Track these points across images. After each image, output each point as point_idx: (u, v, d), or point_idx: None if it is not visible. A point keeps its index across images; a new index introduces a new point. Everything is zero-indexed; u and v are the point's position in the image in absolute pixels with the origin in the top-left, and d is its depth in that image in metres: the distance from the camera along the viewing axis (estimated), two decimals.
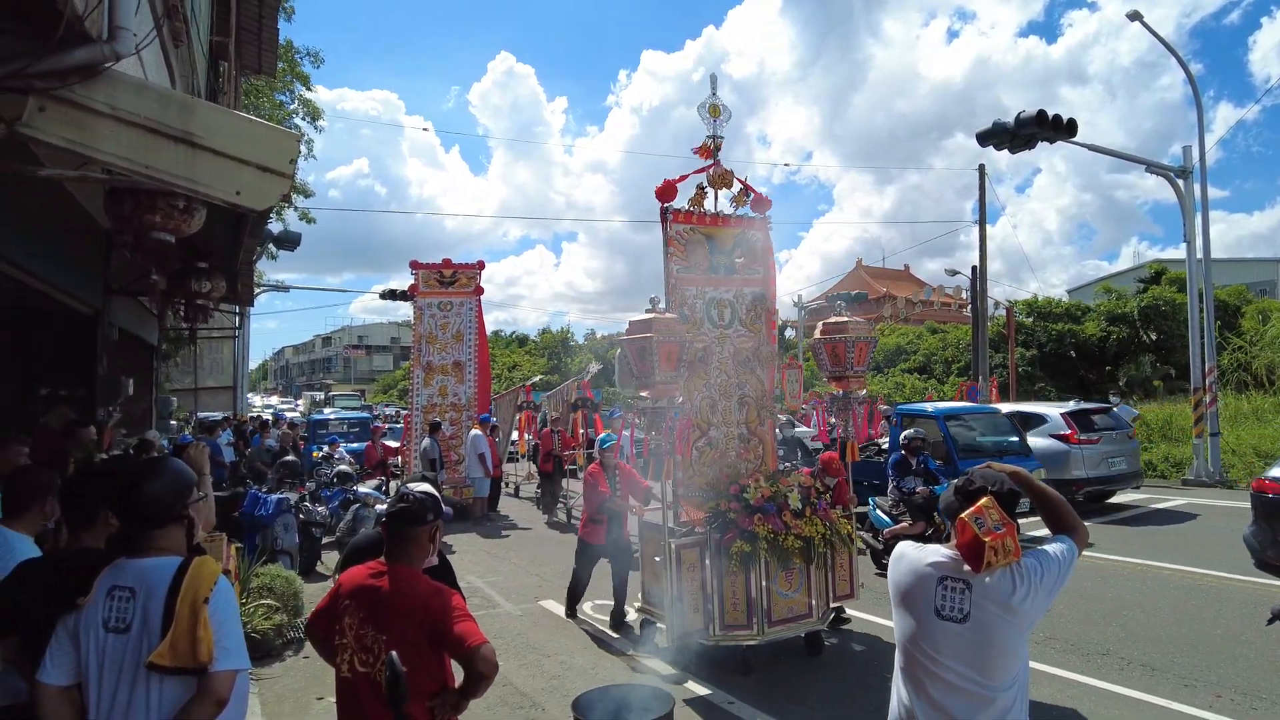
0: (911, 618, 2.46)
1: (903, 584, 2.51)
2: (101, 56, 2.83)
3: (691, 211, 6.43)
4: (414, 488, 2.77)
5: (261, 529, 8.45)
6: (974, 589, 2.36)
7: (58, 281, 6.10)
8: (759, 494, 5.84)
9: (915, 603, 2.45)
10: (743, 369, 6.58)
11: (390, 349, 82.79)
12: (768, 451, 6.66)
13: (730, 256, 6.64)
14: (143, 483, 2.28)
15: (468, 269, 14.22)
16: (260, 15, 9.22)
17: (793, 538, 5.76)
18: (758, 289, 6.75)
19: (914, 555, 2.55)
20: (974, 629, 2.34)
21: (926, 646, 2.41)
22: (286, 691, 5.62)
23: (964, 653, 2.35)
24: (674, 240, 6.32)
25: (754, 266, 6.74)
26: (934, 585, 2.42)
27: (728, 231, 6.64)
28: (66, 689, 2.24)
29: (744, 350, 6.60)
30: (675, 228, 6.33)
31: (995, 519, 2.34)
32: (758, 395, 6.64)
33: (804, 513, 5.91)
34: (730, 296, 6.60)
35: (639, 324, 5.73)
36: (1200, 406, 14.92)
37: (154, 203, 3.59)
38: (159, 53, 4.47)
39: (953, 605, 2.37)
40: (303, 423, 21.29)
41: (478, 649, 2.44)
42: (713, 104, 6.49)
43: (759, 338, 6.70)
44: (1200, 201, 14.84)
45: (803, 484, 6.10)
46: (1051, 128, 12.60)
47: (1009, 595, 2.35)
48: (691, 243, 6.41)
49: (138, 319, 10.03)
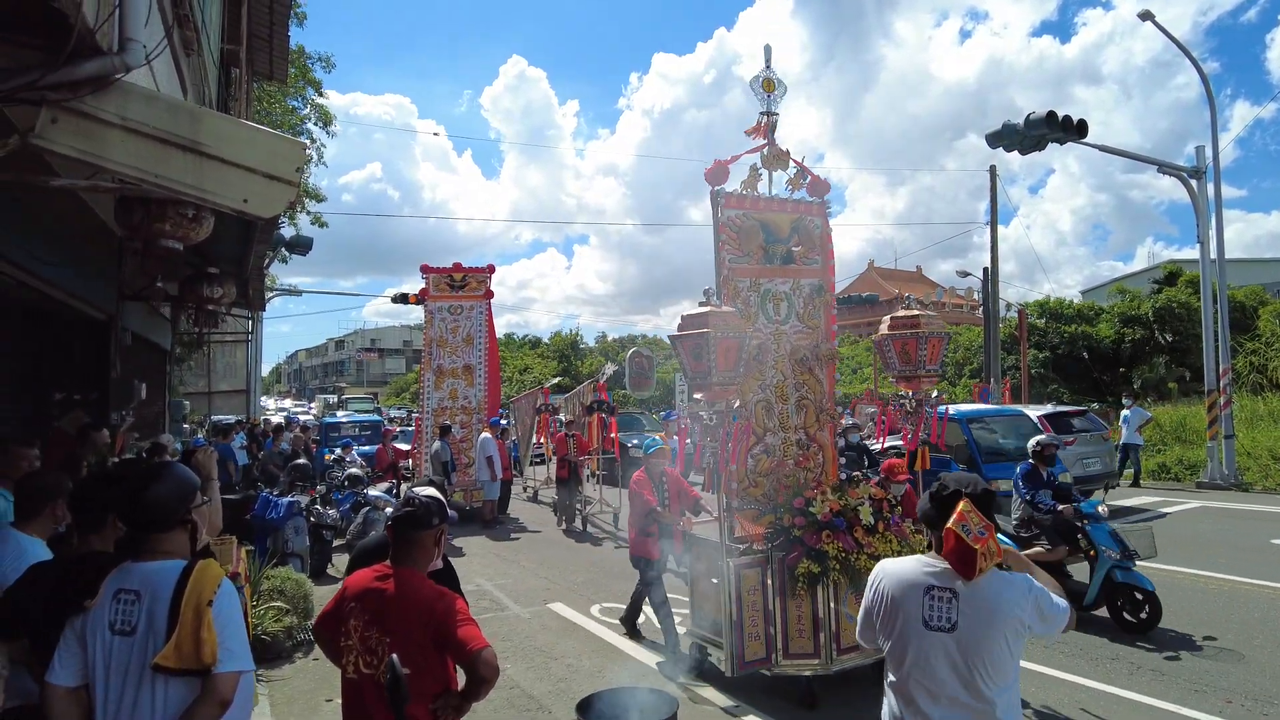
0: (900, 632, 2.45)
1: (887, 599, 2.49)
2: (112, 68, 2.88)
3: (745, 195, 5.90)
4: (420, 491, 2.80)
5: (273, 532, 8.52)
6: (960, 598, 2.36)
7: (72, 288, 6.17)
8: (827, 508, 5.30)
9: (902, 616, 2.44)
10: (800, 369, 6.05)
11: (403, 352, 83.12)
12: (828, 459, 6.14)
13: (787, 244, 6.08)
14: (146, 487, 2.33)
15: (478, 273, 14.29)
16: (271, 22, 9.30)
17: (865, 557, 5.17)
18: (816, 280, 6.22)
19: (896, 569, 2.54)
20: (962, 637, 2.34)
21: (917, 659, 2.40)
22: (296, 693, 5.67)
23: (954, 663, 2.35)
24: (726, 227, 5.78)
25: (812, 256, 6.21)
26: (921, 596, 2.41)
27: (784, 217, 6.10)
28: (75, 690, 2.28)
29: (802, 348, 6.08)
30: (727, 212, 5.79)
31: (978, 523, 2.35)
32: (817, 398, 6.12)
33: (876, 528, 5.37)
34: (787, 289, 6.07)
35: (693, 318, 5.16)
36: (1215, 409, 14.78)
37: (164, 211, 3.64)
38: (170, 62, 4.53)
39: (940, 615, 2.37)
40: (315, 426, 21.41)
41: (479, 653, 2.47)
42: (766, 78, 5.96)
43: (818, 334, 6.17)
44: (1214, 202, 14.72)
45: (873, 496, 5.59)
46: (1062, 129, 12.54)
47: (996, 601, 2.35)
48: (745, 229, 5.88)
49: (151, 324, 10.13)
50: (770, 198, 6.06)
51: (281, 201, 3.23)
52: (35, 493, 3.16)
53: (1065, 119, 12.55)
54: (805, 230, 6.21)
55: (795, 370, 6.05)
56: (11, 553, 2.96)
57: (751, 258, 5.92)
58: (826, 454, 6.16)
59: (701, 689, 5.60)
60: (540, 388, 17.91)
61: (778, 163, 6.02)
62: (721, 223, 5.77)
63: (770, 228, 6.03)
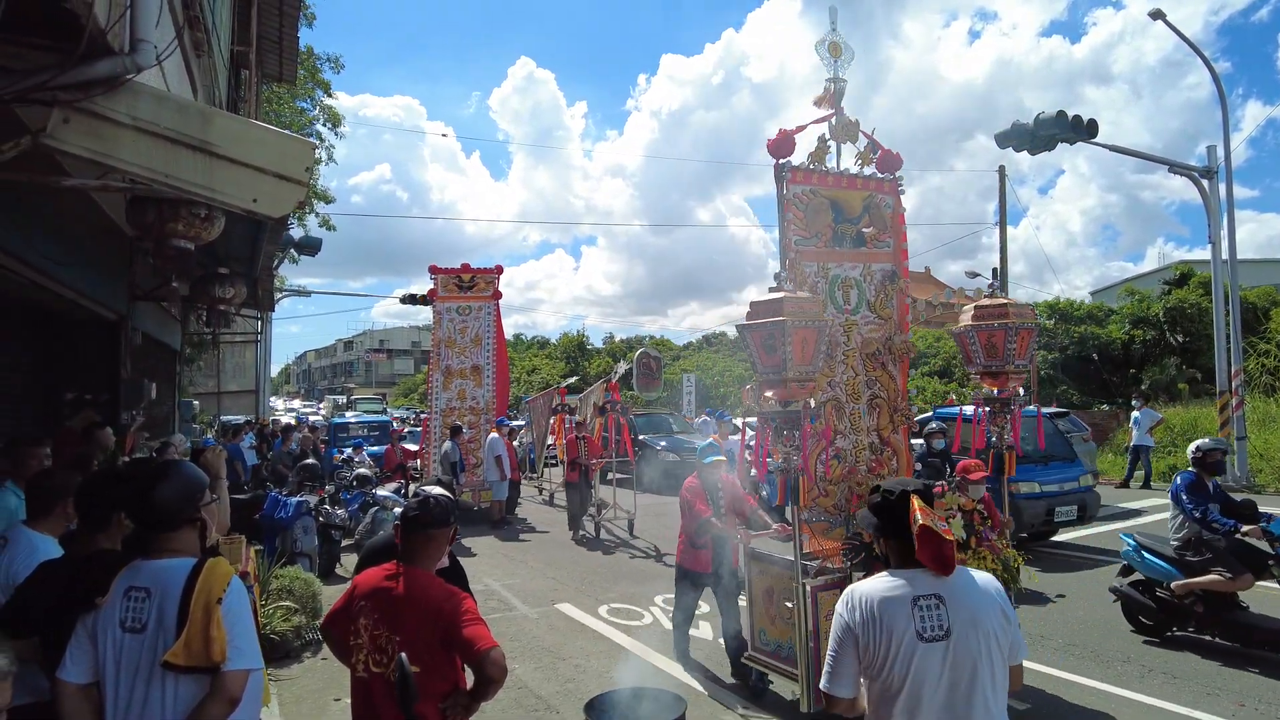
0: (893, 656, 2.24)
1: (873, 626, 2.27)
2: (123, 69, 2.90)
3: (812, 169, 5.35)
4: (430, 491, 2.80)
5: (281, 531, 8.54)
6: (947, 602, 2.26)
7: (83, 288, 6.21)
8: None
9: (894, 638, 2.25)
10: (873, 364, 5.54)
11: (411, 353, 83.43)
12: (902, 465, 5.63)
13: (857, 225, 5.54)
14: (154, 486, 2.34)
15: (486, 274, 14.32)
16: (281, 24, 9.35)
17: None
18: (888, 265, 5.68)
19: (869, 587, 2.34)
20: (958, 644, 2.23)
21: (915, 681, 2.22)
22: (305, 693, 5.68)
23: (955, 679, 2.22)
24: (792, 204, 5.21)
25: (883, 238, 5.67)
26: (909, 610, 2.25)
27: (856, 195, 5.56)
28: (86, 687, 2.29)
29: (874, 341, 5.55)
30: (793, 188, 5.23)
31: (937, 517, 2.29)
32: (891, 396, 5.60)
33: (969, 544, 4.84)
34: (857, 275, 5.53)
35: (765, 305, 4.49)
36: (1226, 410, 14.68)
37: (176, 211, 3.66)
38: (180, 63, 4.55)
39: (933, 624, 2.24)
40: (324, 426, 21.49)
41: (488, 653, 2.47)
42: (833, 41, 5.43)
43: (891, 325, 5.66)
44: (1226, 202, 14.63)
45: (962, 507, 5.06)
46: (1072, 128, 12.49)
47: (985, 608, 2.28)
48: (813, 208, 5.32)
49: (161, 324, 10.18)
50: (839, 173, 5.52)
51: (291, 201, 3.25)
52: (46, 491, 3.18)
53: (1075, 119, 12.49)
54: (877, 210, 5.67)
55: (867, 366, 5.54)
56: (23, 551, 2.97)
57: (819, 239, 5.36)
58: (901, 459, 5.64)
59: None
60: (557, 387, 17.45)
61: (847, 134, 5.48)
62: (787, 200, 5.19)
63: (840, 206, 5.48)
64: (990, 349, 5.43)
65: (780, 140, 5.12)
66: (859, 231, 5.57)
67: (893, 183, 5.79)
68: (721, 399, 37.65)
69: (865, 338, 5.55)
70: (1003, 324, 5.31)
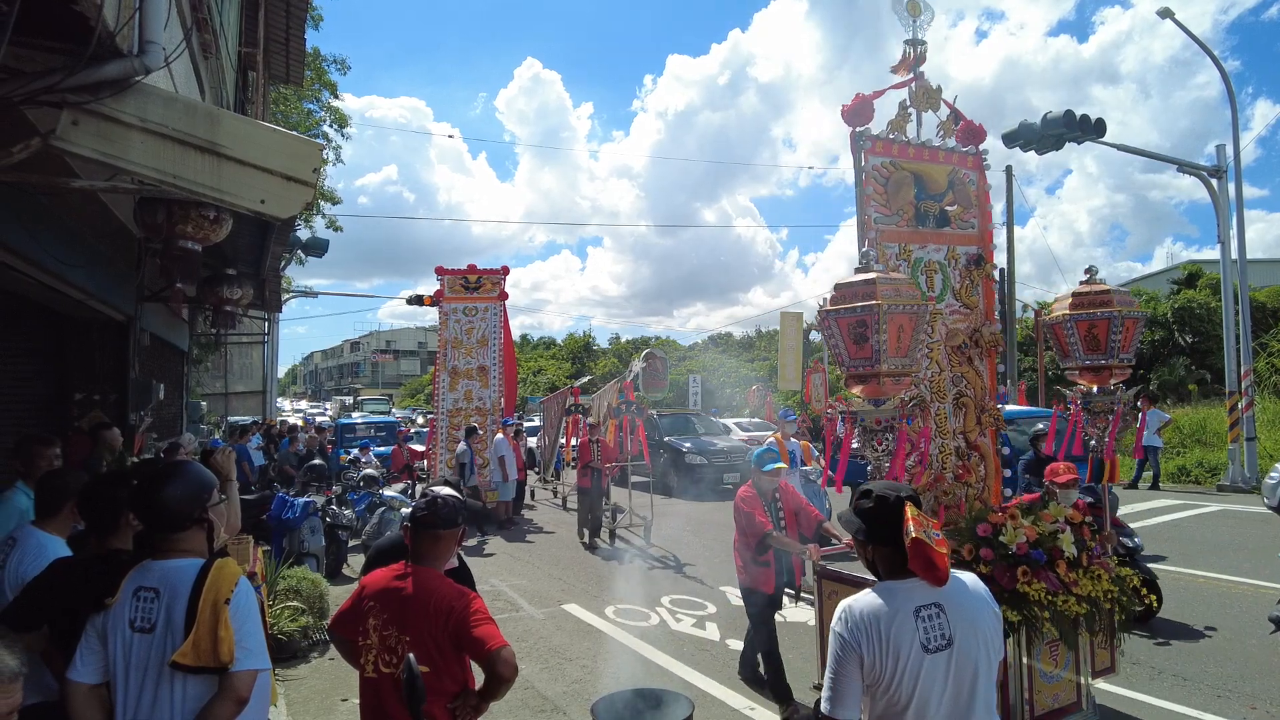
0: (901, 671, 2.15)
1: (876, 636, 2.18)
2: (132, 70, 2.91)
3: (893, 139, 4.88)
4: (439, 491, 2.80)
5: (288, 532, 8.57)
6: (948, 610, 2.21)
7: (92, 289, 6.24)
8: (1021, 536, 4.12)
9: (902, 652, 2.16)
10: (958, 358, 5.04)
11: (418, 354, 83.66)
12: (990, 471, 5.08)
13: (940, 202, 5.05)
14: (161, 487, 2.34)
15: (492, 274, 14.34)
16: (288, 26, 9.37)
17: (1074, 600, 4.07)
18: (973, 248, 5.19)
19: (869, 602, 2.24)
20: (959, 653, 2.19)
21: (920, 697, 2.16)
22: (312, 693, 5.69)
23: (958, 690, 2.18)
24: (872, 178, 4.75)
25: (968, 218, 5.20)
26: (913, 621, 2.18)
27: (940, 169, 5.07)
28: (95, 687, 2.30)
29: (959, 333, 5.05)
30: (872, 160, 4.76)
31: (929, 524, 2.23)
32: (978, 394, 5.07)
33: (1080, 561, 4.26)
34: (941, 258, 5.02)
35: (853, 288, 3.90)
36: (1236, 411, 14.60)
37: (187, 213, 3.68)
38: (189, 64, 4.57)
39: (936, 634, 2.18)
40: (331, 427, 21.56)
41: (498, 652, 2.47)
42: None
43: (976, 315, 5.14)
44: (1235, 201, 14.56)
45: (1069, 519, 4.42)
46: (1080, 128, 12.44)
47: (982, 614, 2.25)
48: (895, 182, 4.83)
49: (169, 325, 10.23)
50: (921, 144, 5.03)
51: (298, 202, 3.25)
52: (55, 491, 3.19)
53: (1083, 118, 12.44)
54: (961, 186, 5.17)
55: (953, 360, 5.01)
56: (33, 550, 2.99)
57: (901, 217, 4.86)
58: (989, 464, 5.08)
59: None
60: (570, 388, 17.12)
61: (928, 102, 5.00)
62: (866, 173, 4.74)
63: (924, 181, 4.98)
64: (1091, 341, 4.82)
65: (857, 106, 4.62)
66: (942, 210, 5.06)
67: (977, 157, 5.34)
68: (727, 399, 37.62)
69: (950, 329, 5.02)
70: (1107, 313, 4.70)
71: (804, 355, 30.08)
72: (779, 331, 30.29)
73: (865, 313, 3.79)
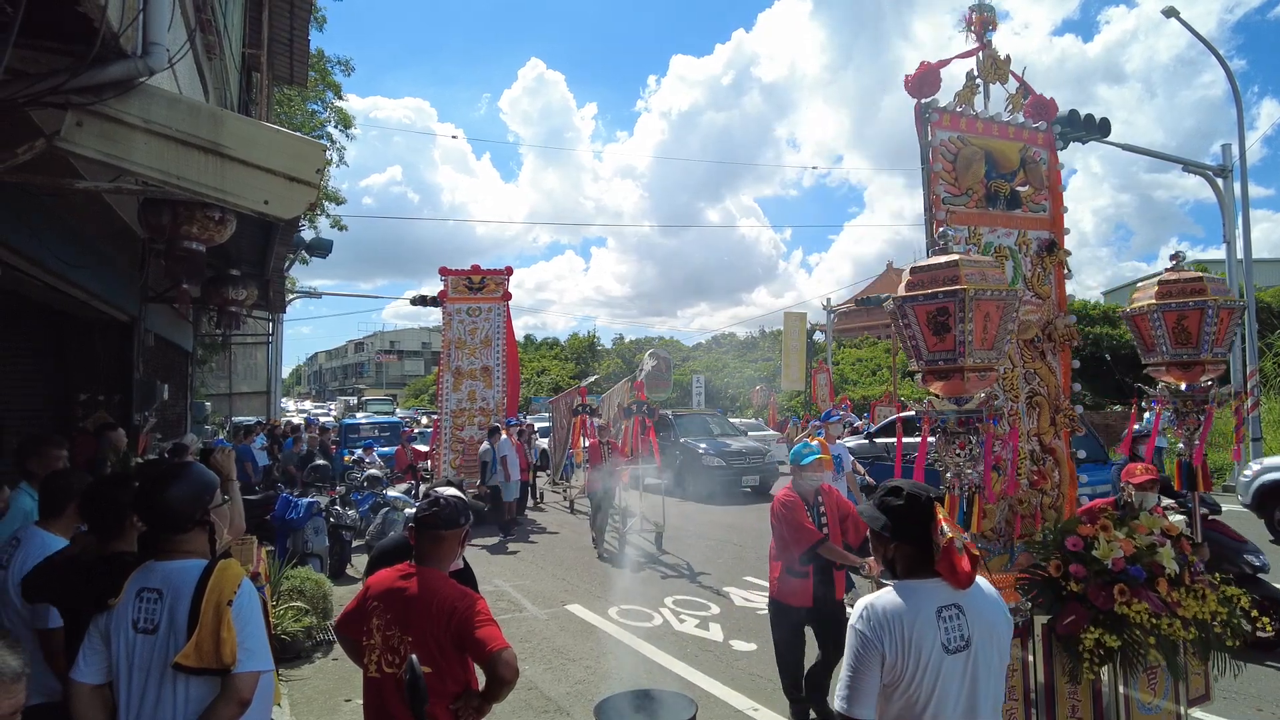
0: (920, 670, 2.15)
1: (900, 636, 2.16)
2: (136, 71, 2.91)
3: (961, 113, 4.47)
4: (443, 492, 2.80)
5: (292, 532, 8.58)
6: (967, 612, 2.21)
7: (97, 290, 6.26)
8: (1117, 550, 3.71)
9: (924, 652, 2.15)
10: (1030, 353, 4.62)
11: (421, 354, 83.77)
12: (1065, 476, 4.64)
13: (1011, 183, 4.65)
14: (164, 488, 2.35)
15: (496, 274, 14.35)
16: (292, 27, 9.39)
17: (1179, 623, 3.61)
18: (1045, 233, 4.75)
19: (892, 601, 2.22)
20: (975, 655, 2.19)
21: (936, 698, 2.15)
22: (315, 693, 5.70)
23: (970, 690, 2.18)
24: (940, 154, 4.37)
25: (1039, 200, 4.78)
26: (935, 621, 2.18)
27: (1011, 146, 4.68)
28: (99, 687, 2.30)
29: (1031, 325, 4.59)
30: (940, 134, 4.37)
31: (957, 528, 2.23)
32: (1051, 393, 4.65)
33: (1182, 579, 3.81)
34: (1012, 243, 4.61)
35: (933, 272, 3.40)
36: (1241, 411, 14.56)
37: (192, 213, 3.68)
38: (193, 65, 4.58)
39: (956, 634, 2.18)
40: (335, 427, 21.60)
41: (500, 654, 2.47)
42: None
43: (1049, 306, 4.70)
44: (1241, 200, 14.52)
45: (1165, 530, 3.91)
46: (1084, 127, 12.39)
47: (997, 617, 2.26)
48: (964, 159, 4.44)
49: (173, 325, 10.25)
50: (990, 119, 4.62)
51: (302, 203, 3.26)
52: (59, 492, 3.20)
53: (1088, 117, 12.40)
54: (1033, 165, 4.76)
55: (1025, 355, 4.58)
56: (36, 551, 2.99)
57: (970, 197, 4.47)
58: (1064, 469, 4.65)
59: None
60: (577, 387, 16.40)
61: (996, 73, 4.58)
62: (934, 148, 4.35)
63: (994, 159, 4.59)
64: (1180, 334, 4.27)
65: (922, 75, 4.22)
66: (1014, 190, 4.66)
67: (1048, 134, 4.91)
68: (730, 400, 37.60)
69: (1022, 321, 4.48)
70: (1200, 302, 4.15)
71: (808, 356, 30.06)
72: (783, 332, 30.26)
73: (948, 299, 3.31)
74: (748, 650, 6.43)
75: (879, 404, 24.44)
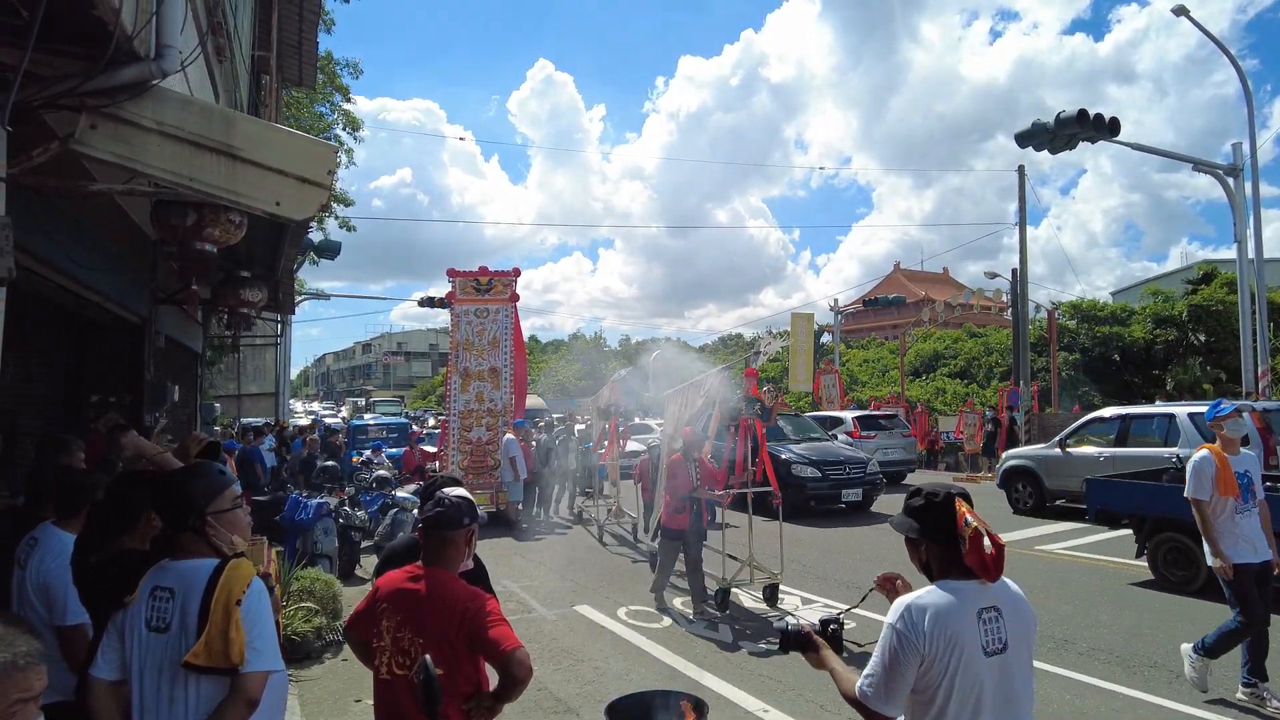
0: (952, 671, 2.12)
1: (942, 636, 2.14)
2: (149, 74, 2.94)
3: None
4: (449, 492, 2.80)
5: (302, 533, 8.61)
6: (1005, 614, 2.20)
7: (109, 291, 6.28)
8: None
9: (963, 650, 2.13)
10: None
11: (429, 355, 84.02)
12: None
13: None
14: (180, 487, 2.36)
15: (504, 276, 14.37)
16: (300, 29, 9.44)
17: None
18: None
19: (934, 600, 2.19)
20: (1009, 659, 2.18)
21: (964, 699, 2.13)
22: (325, 694, 5.71)
23: (1005, 689, 2.16)
24: None
25: None
26: (975, 624, 2.16)
27: None
28: (115, 684, 2.32)
29: None
30: None
31: (982, 520, 2.22)
32: None
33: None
34: None
35: None
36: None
37: (217, 216, 3.70)
38: (204, 68, 4.60)
39: (994, 637, 2.16)
40: (342, 428, 21.68)
41: (512, 653, 2.46)
42: None
43: None
44: (1252, 200, 14.42)
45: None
46: (1093, 126, 12.35)
47: (1029, 617, 2.26)
48: None
49: (183, 327, 10.29)
50: None
51: (313, 204, 3.27)
52: (74, 491, 3.22)
53: (1097, 117, 12.35)
54: None
55: None
56: (54, 549, 3.02)
57: None
58: None
59: None
60: (609, 381, 14.20)
61: None
62: None
63: None
64: None
65: None
66: None
67: None
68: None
69: None
70: None
71: (815, 356, 29.96)
72: (790, 332, 30.18)
73: None
74: (758, 651, 6.42)
75: (882, 405, 24.33)
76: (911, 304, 46.70)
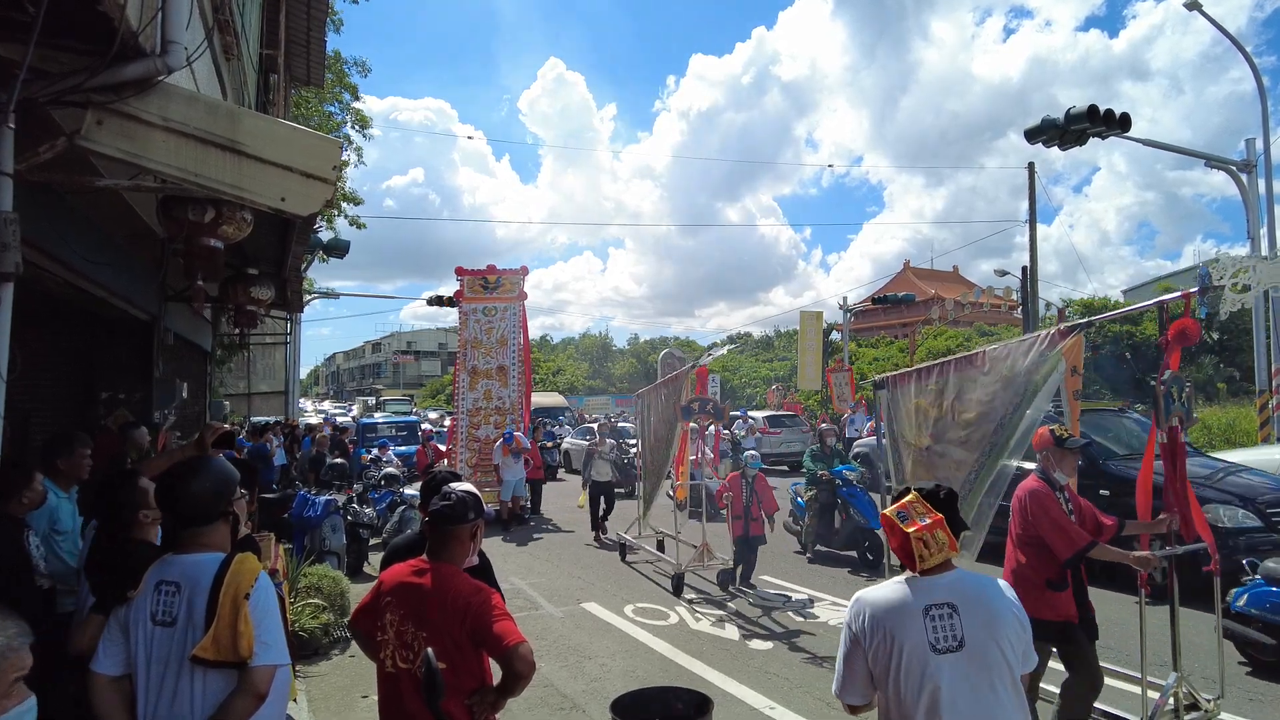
0: (902, 668, 2.15)
1: (877, 634, 2.18)
2: (154, 70, 2.94)
3: None
4: (455, 487, 2.79)
5: (310, 530, 8.64)
6: (961, 610, 2.17)
7: (117, 288, 6.31)
8: None
9: (905, 648, 2.15)
10: None
11: (438, 354, 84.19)
12: None
13: None
14: (186, 482, 2.36)
15: (511, 274, 14.39)
16: (308, 28, 9.46)
17: None
18: None
19: (879, 596, 2.25)
20: (974, 655, 2.14)
21: (933, 697, 2.12)
22: (332, 689, 5.73)
23: (974, 686, 2.13)
24: None
25: None
26: (921, 620, 2.16)
27: None
28: (118, 679, 2.32)
29: None
30: None
31: (920, 511, 2.23)
32: None
33: None
34: None
35: None
36: (1266, 410, 14.34)
37: (234, 213, 3.71)
38: (210, 65, 4.61)
39: (946, 634, 2.14)
40: (351, 426, 21.76)
41: (516, 648, 2.46)
42: None
43: None
44: (1265, 196, 14.30)
45: None
46: (1104, 122, 12.24)
47: (1002, 615, 2.20)
48: None
49: (192, 325, 10.33)
50: None
51: (319, 200, 3.27)
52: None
53: (1107, 112, 12.25)
54: None
55: None
56: None
57: None
58: None
59: None
60: (694, 366, 9.00)
61: None
62: None
63: None
64: None
65: None
66: None
67: None
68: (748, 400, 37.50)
69: None
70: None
71: (824, 355, 29.87)
72: (799, 331, 30.11)
73: None
74: (764, 649, 6.40)
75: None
76: (921, 302, 46.51)
